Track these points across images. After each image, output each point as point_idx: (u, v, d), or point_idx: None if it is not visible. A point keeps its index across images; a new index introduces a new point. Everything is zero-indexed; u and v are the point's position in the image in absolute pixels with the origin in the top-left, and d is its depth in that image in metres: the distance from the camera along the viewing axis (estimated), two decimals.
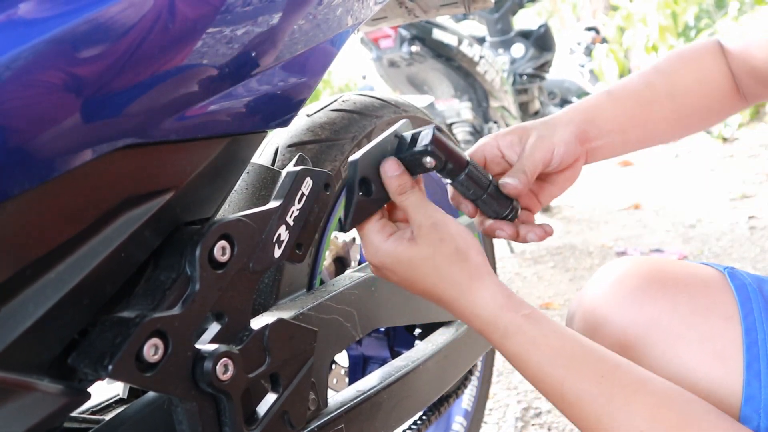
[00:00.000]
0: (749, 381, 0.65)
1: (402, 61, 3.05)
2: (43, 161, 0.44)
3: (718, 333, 0.67)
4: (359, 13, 0.71)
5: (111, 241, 0.50)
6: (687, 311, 0.69)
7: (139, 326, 0.50)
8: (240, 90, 0.57)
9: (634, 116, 0.81)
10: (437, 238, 0.62)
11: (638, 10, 5.79)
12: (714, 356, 0.66)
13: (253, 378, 0.59)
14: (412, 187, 0.64)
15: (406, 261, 0.63)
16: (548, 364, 0.59)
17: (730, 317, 0.68)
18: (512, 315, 0.61)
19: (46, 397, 0.48)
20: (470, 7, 1.01)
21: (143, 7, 0.47)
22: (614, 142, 0.81)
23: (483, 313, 0.61)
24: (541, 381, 0.60)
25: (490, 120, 3.21)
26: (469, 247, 0.63)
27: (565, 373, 0.58)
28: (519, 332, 0.60)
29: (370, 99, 0.95)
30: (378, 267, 0.66)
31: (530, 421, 1.62)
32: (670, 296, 0.71)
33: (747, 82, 0.82)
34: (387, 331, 1.12)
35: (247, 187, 0.79)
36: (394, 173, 0.64)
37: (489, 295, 0.62)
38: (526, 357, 0.60)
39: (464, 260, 0.63)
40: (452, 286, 0.62)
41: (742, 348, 0.66)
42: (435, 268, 0.62)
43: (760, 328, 0.66)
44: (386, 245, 0.64)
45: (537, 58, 3.76)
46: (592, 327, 0.74)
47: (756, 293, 0.69)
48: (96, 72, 0.45)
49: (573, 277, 2.66)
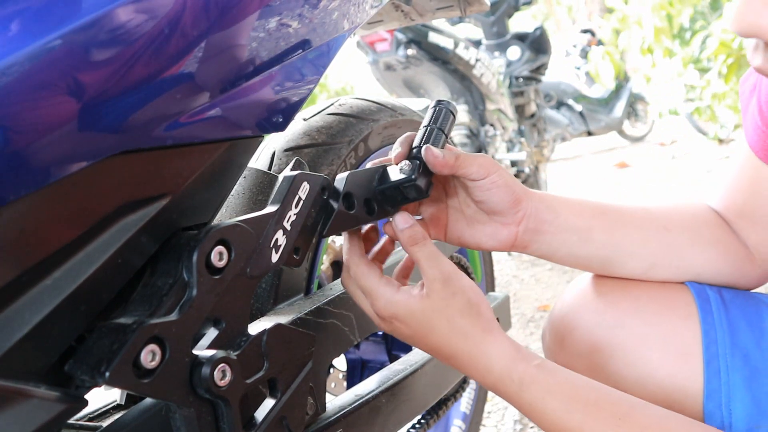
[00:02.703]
0: (709, 378, 0.67)
1: (398, 64, 3.05)
2: (39, 167, 0.44)
3: (680, 332, 0.70)
4: (355, 16, 0.71)
5: (108, 246, 0.50)
6: (649, 313, 0.71)
7: (136, 332, 0.50)
8: (236, 95, 0.57)
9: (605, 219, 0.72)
10: (450, 292, 0.62)
11: (633, 12, 5.80)
12: (676, 355, 0.69)
13: (251, 383, 0.59)
14: (424, 238, 0.64)
15: (419, 313, 0.62)
16: (565, 411, 0.59)
17: (690, 317, 0.70)
18: (525, 366, 0.61)
19: (42, 405, 0.48)
20: (466, 11, 1.01)
21: (142, 15, 0.47)
22: (567, 233, 0.71)
23: (497, 365, 0.61)
24: (560, 429, 0.60)
25: (487, 123, 3.21)
26: (480, 302, 0.63)
27: (584, 419, 0.58)
28: (534, 382, 0.60)
29: (366, 103, 0.95)
30: (389, 319, 0.64)
31: (528, 424, 1.62)
32: (632, 299, 0.73)
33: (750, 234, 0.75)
34: (385, 335, 1.12)
35: (244, 192, 0.79)
36: (405, 225, 0.65)
37: (501, 347, 0.62)
38: (542, 406, 0.60)
39: (477, 314, 0.63)
40: (465, 339, 0.62)
41: (702, 346, 0.67)
42: (448, 320, 0.62)
43: (719, 327, 0.69)
44: (398, 297, 0.63)
45: (533, 61, 3.76)
46: (561, 336, 0.76)
47: (715, 293, 0.71)
48: (93, 78, 0.45)
49: (570, 279, 2.66)
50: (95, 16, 0.45)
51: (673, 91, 5.98)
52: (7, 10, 0.42)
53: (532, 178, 3.43)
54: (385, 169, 0.69)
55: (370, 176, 0.68)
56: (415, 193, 0.66)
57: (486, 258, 1.23)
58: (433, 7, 0.98)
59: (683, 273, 0.73)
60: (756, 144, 0.70)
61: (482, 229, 0.71)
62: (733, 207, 0.74)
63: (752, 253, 0.74)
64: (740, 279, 0.74)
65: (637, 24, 5.76)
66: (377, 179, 0.68)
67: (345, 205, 0.65)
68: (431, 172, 0.66)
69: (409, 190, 0.66)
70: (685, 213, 0.75)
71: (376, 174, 0.68)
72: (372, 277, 0.65)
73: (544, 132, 3.77)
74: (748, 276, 0.74)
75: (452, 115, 0.70)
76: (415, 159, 0.66)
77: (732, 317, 0.69)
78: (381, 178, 0.68)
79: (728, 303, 0.71)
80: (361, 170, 0.68)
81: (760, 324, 0.68)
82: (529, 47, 3.78)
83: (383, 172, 0.68)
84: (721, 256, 0.73)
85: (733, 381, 0.66)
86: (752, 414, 0.65)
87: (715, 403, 0.66)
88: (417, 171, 0.65)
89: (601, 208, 0.73)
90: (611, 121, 6.11)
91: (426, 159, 0.65)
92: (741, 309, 0.70)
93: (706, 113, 5.43)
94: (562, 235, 0.70)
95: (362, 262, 0.66)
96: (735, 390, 0.66)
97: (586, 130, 5.90)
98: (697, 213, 0.75)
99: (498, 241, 0.70)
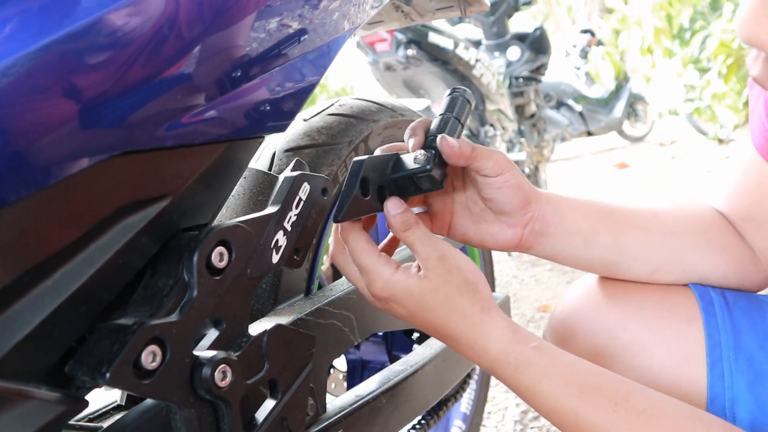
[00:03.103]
0: (713, 382, 0.67)
1: (398, 64, 3.05)
2: (39, 168, 0.44)
3: (683, 335, 0.69)
4: (356, 17, 0.71)
5: (108, 248, 0.50)
6: (652, 316, 0.71)
7: (137, 333, 0.50)
8: (237, 95, 0.57)
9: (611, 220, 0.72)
10: (446, 269, 0.61)
11: (633, 12, 5.81)
12: (679, 358, 0.68)
13: (252, 384, 0.59)
14: (416, 223, 0.63)
15: (417, 293, 0.61)
16: (562, 394, 0.58)
17: (693, 319, 0.69)
18: (523, 347, 0.60)
19: (43, 406, 0.48)
20: (466, 11, 1.01)
21: (141, 15, 0.47)
22: (572, 236, 0.70)
23: (494, 346, 0.60)
24: (555, 412, 0.59)
25: (487, 123, 3.21)
26: (477, 279, 0.62)
27: (579, 403, 0.58)
28: (531, 364, 0.59)
29: (366, 103, 0.94)
30: (386, 300, 0.63)
31: (529, 424, 1.62)
32: (634, 302, 0.72)
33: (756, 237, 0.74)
34: (385, 336, 1.12)
35: (245, 193, 0.78)
36: (397, 211, 0.63)
37: (499, 328, 0.61)
38: (539, 389, 0.59)
39: (474, 292, 0.62)
40: (463, 318, 0.61)
41: (705, 350, 0.67)
42: (446, 299, 0.61)
43: (723, 330, 0.68)
44: (396, 277, 0.62)
45: (533, 61, 3.76)
46: (562, 338, 0.75)
47: (718, 296, 0.71)
48: (93, 79, 0.45)
49: (571, 279, 2.66)
50: (96, 16, 0.45)
51: (672, 92, 5.99)
52: (6, 12, 0.42)
53: (532, 178, 3.43)
54: (398, 157, 0.66)
55: (384, 163, 0.65)
56: (429, 184, 0.64)
57: (486, 258, 1.23)
58: (433, 7, 0.98)
59: (688, 276, 0.73)
60: (762, 146, 0.70)
61: (487, 228, 0.70)
62: (738, 210, 0.74)
63: (757, 256, 0.73)
64: (744, 282, 0.74)
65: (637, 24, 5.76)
66: (391, 167, 0.65)
67: (361, 191, 0.63)
68: (446, 163, 0.64)
69: (423, 180, 0.64)
70: (690, 215, 0.75)
71: (390, 161, 0.66)
72: (372, 254, 0.63)
73: (544, 132, 3.77)
74: (753, 279, 0.74)
75: (468, 104, 0.68)
76: (430, 148, 0.64)
77: (736, 320, 0.68)
78: (395, 166, 0.65)
79: (732, 305, 0.70)
80: (376, 156, 0.65)
81: (764, 327, 0.68)
82: (528, 47, 3.78)
83: (397, 160, 0.66)
84: (725, 259, 0.73)
85: (736, 384, 0.65)
86: (756, 417, 0.64)
87: (718, 407, 0.66)
88: (432, 161, 0.63)
89: (607, 209, 0.72)
90: (611, 122, 6.11)
91: (441, 149, 0.63)
92: (745, 311, 0.69)
93: (705, 113, 5.43)
94: (566, 237, 0.70)
95: (361, 239, 0.64)
96: (739, 393, 0.65)
97: (586, 130, 5.91)
98: (702, 215, 0.75)
99: (502, 241, 0.70)
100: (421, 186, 0.65)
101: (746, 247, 0.74)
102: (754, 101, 0.73)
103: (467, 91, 0.69)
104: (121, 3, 0.46)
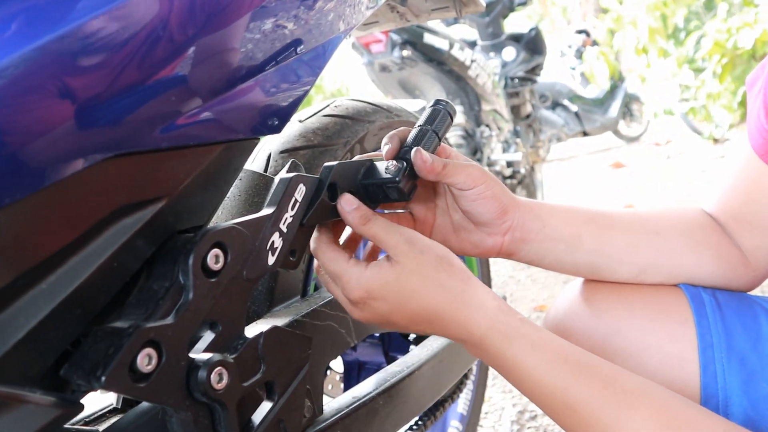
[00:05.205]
0: (706, 383, 0.67)
1: (393, 65, 3.05)
2: (34, 170, 0.43)
3: (675, 338, 0.69)
4: (351, 18, 0.70)
5: (103, 250, 0.50)
6: (644, 319, 0.71)
7: (133, 336, 0.50)
8: (232, 97, 0.57)
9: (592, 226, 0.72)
10: (417, 250, 0.61)
11: (628, 12, 5.82)
12: (672, 360, 0.69)
13: (248, 386, 0.59)
14: (373, 215, 0.63)
15: (393, 280, 0.60)
16: (552, 368, 0.57)
17: (685, 321, 0.70)
18: (510, 318, 0.59)
19: (38, 409, 0.48)
20: (461, 11, 1.01)
21: (135, 17, 0.47)
22: (555, 242, 0.71)
23: (482, 319, 0.59)
24: (544, 386, 0.57)
25: (482, 124, 3.21)
26: (448, 253, 0.62)
27: (570, 378, 0.56)
28: (519, 336, 0.58)
29: (362, 104, 0.94)
30: (364, 301, 0.62)
31: (526, 425, 1.62)
32: (627, 305, 0.72)
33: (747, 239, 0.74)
34: (382, 337, 1.11)
35: (240, 194, 0.78)
36: (352, 207, 0.63)
37: (484, 298, 0.60)
38: (529, 361, 0.58)
39: (449, 265, 0.61)
40: (444, 291, 0.60)
41: (698, 351, 0.67)
42: (423, 278, 0.60)
43: (714, 330, 0.68)
44: (368, 272, 0.61)
45: (528, 62, 3.77)
46: None
47: (709, 296, 0.71)
48: (87, 81, 0.45)
49: (567, 279, 2.66)
50: (90, 18, 0.44)
51: (667, 91, 6.01)
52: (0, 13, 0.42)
53: (528, 178, 3.43)
54: (372, 163, 0.67)
55: (356, 169, 0.66)
56: (397, 195, 0.65)
57: (483, 259, 1.23)
58: (428, 8, 0.98)
59: (675, 276, 0.73)
60: (760, 146, 0.70)
61: (467, 236, 0.70)
62: (730, 210, 0.74)
63: (746, 256, 0.73)
64: (733, 281, 0.74)
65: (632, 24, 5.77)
66: (363, 173, 0.66)
67: (328, 196, 0.64)
68: (417, 175, 0.65)
69: (392, 191, 0.65)
70: (677, 216, 0.75)
71: (362, 167, 0.67)
72: (340, 260, 0.63)
73: (540, 132, 3.78)
74: (741, 279, 0.74)
75: (449, 118, 0.69)
76: (403, 160, 0.65)
77: (727, 321, 0.69)
78: (366, 173, 0.66)
79: (723, 306, 0.70)
80: (349, 162, 0.66)
81: (756, 327, 0.68)
82: (524, 48, 3.78)
83: (370, 166, 0.67)
84: (713, 259, 0.73)
85: (729, 384, 0.66)
86: (750, 417, 0.64)
87: (712, 407, 0.66)
88: (402, 173, 0.64)
89: (590, 215, 0.72)
90: (606, 122, 6.12)
91: (414, 161, 0.64)
92: (736, 312, 0.70)
93: (700, 113, 5.45)
94: (548, 243, 0.70)
95: (329, 248, 0.64)
96: (732, 394, 0.65)
97: (582, 130, 5.92)
98: (689, 216, 0.75)
99: (483, 249, 0.70)
100: (390, 195, 0.65)
101: (735, 247, 0.74)
102: (752, 102, 0.73)
103: (450, 105, 0.69)
104: (115, 5, 0.46)
